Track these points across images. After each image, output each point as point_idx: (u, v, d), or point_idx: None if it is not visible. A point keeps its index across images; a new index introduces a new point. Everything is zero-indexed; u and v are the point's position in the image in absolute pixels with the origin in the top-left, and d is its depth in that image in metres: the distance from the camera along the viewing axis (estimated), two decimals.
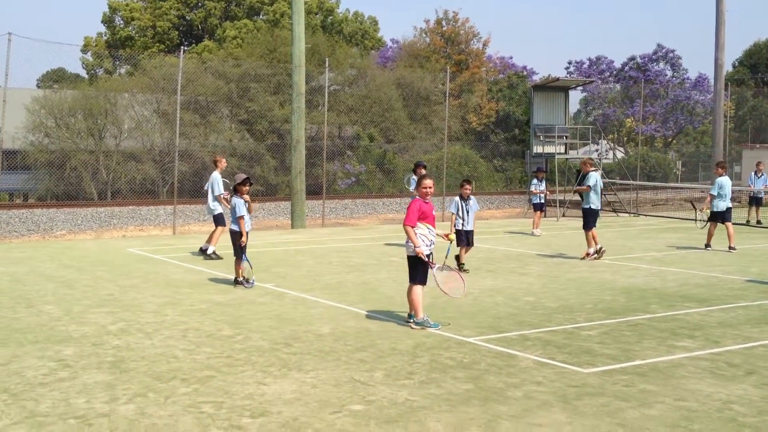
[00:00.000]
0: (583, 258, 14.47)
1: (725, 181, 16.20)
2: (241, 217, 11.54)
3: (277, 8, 42.01)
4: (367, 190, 31.92)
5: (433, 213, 8.88)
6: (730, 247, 15.80)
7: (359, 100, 34.66)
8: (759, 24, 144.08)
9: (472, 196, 13.21)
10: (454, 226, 12.93)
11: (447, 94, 27.58)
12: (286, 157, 28.59)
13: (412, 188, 19.64)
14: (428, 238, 8.72)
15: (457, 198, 13.14)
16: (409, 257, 8.84)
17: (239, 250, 11.50)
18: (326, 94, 24.83)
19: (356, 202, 28.47)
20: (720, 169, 16.54)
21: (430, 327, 8.70)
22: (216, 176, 15.04)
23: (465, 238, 13.09)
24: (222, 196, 14.86)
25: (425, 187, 8.80)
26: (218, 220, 14.94)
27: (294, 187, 21.52)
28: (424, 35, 45.18)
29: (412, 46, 44.55)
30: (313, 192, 26.46)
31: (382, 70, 40.29)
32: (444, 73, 28.11)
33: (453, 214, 13.03)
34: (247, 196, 11.69)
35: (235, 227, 11.66)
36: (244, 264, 11.46)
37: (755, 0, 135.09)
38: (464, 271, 12.54)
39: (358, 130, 34.35)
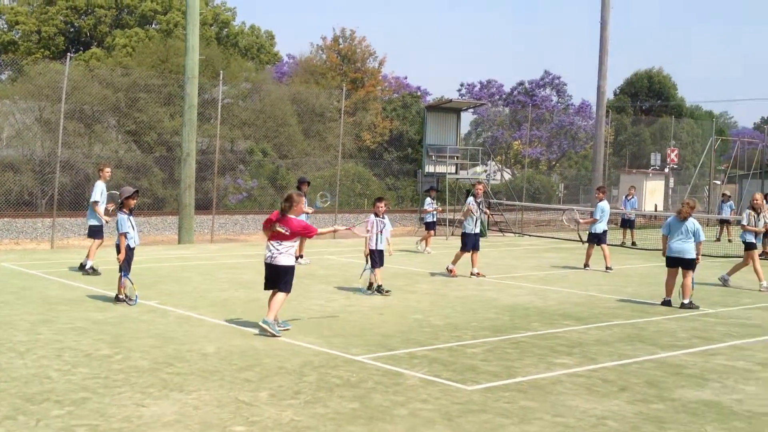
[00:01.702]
0: (452, 273, 14.78)
1: (605, 205, 16.92)
2: (123, 234, 11.14)
3: (170, 18, 41.13)
4: (259, 206, 31.55)
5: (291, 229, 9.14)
6: (606, 268, 16.48)
7: (253, 114, 34.33)
8: (639, 54, 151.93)
9: (385, 215, 12.87)
10: (368, 246, 12.52)
11: (342, 112, 27.69)
12: (175, 170, 27.93)
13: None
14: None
15: (372, 216, 12.69)
16: (286, 267, 9.14)
17: (125, 266, 11.11)
18: (219, 107, 24.46)
19: (247, 217, 28.10)
20: (600, 194, 17.29)
21: (276, 332, 9.06)
22: (99, 185, 14.43)
23: (378, 259, 12.56)
24: (106, 207, 14.30)
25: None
26: (95, 233, 14.30)
27: (182, 201, 21.04)
28: (321, 52, 45.32)
29: (309, 62, 44.58)
30: (203, 207, 25.94)
31: (278, 85, 40.10)
32: (339, 91, 28.23)
33: (369, 231, 12.26)
34: None
35: (127, 243, 11.20)
36: (125, 280, 11.09)
37: (637, 31, 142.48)
38: (386, 293, 12.34)
39: (251, 145, 33.98)
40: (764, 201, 15.22)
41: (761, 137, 48.05)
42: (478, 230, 15.03)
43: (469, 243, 14.89)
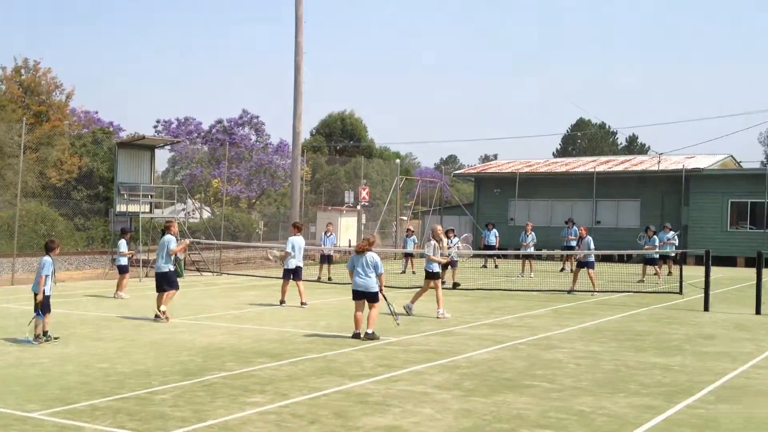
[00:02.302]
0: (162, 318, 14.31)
1: (297, 240, 17.43)
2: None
3: None
4: None
5: None
6: (301, 303, 16.94)
7: None
8: (333, 96, 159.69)
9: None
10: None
11: (23, 147, 25.55)
12: None
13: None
14: None
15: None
16: None
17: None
18: None
19: None
20: (294, 229, 17.81)
21: None
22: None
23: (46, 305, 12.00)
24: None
25: None
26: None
27: None
28: (0, 83, 41.56)
29: None
30: None
31: None
32: (20, 124, 26.04)
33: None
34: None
35: None
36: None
37: (330, 74, 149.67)
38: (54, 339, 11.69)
39: None
40: (446, 234, 16.61)
41: (440, 176, 52.73)
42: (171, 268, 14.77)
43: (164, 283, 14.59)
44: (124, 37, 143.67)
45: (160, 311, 14.34)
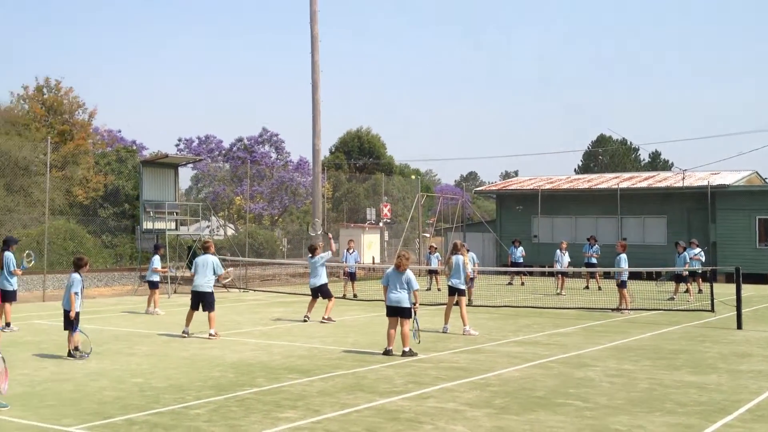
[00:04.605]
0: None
1: (321, 256, 17.46)
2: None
3: None
4: None
5: None
6: (326, 319, 16.97)
7: None
8: (351, 114, 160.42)
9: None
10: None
11: (48, 165, 25.90)
12: None
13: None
14: None
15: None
16: None
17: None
18: None
19: None
20: (310, 252, 17.82)
21: (4, 407, 8.39)
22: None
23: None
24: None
25: None
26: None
27: None
28: (23, 102, 42.21)
29: (9, 112, 41.26)
30: None
31: None
32: (45, 143, 26.41)
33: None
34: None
35: None
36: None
37: (350, 92, 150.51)
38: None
39: None
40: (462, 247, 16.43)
41: (461, 193, 52.71)
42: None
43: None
44: (144, 56, 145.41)
45: (211, 334, 14.32)
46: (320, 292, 17.33)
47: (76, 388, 9.68)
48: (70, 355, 11.89)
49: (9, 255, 15.30)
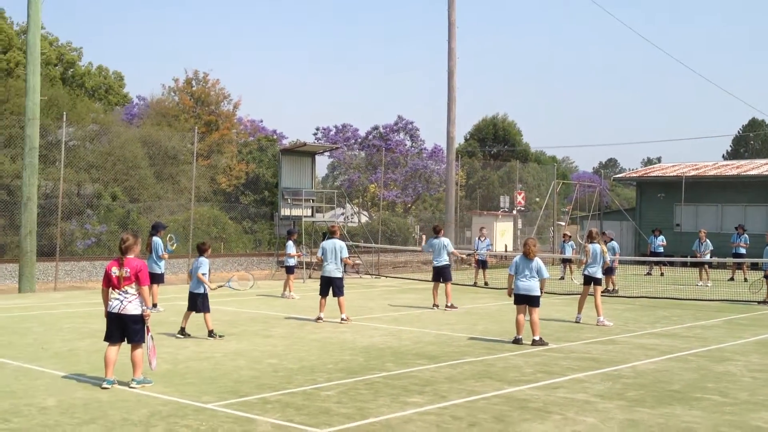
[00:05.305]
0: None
1: (435, 241, 17.37)
2: None
3: (11, 57, 39.23)
4: (108, 251, 30.31)
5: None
6: (448, 305, 16.95)
7: (101, 156, 33.11)
8: (487, 101, 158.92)
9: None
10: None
11: (195, 154, 27.23)
12: (15, 216, 26.41)
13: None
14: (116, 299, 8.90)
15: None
16: (136, 317, 8.88)
17: None
18: (63, 149, 23.42)
19: (95, 264, 26.89)
20: (435, 233, 17.70)
21: (148, 383, 8.89)
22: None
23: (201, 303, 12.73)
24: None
25: None
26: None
27: (23, 247, 19.92)
28: (173, 94, 44.50)
29: (160, 104, 43.65)
30: (48, 253, 24.63)
31: (128, 127, 38.95)
32: (192, 133, 27.75)
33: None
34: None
35: None
36: None
37: (485, 79, 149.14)
38: (219, 337, 12.42)
39: (99, 189, 32.69)
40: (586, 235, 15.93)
41: (599, 180, 51.18)
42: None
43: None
44: (286, 49, 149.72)
45: (343, 318, 14.55)
46: (441, 273, 17.25)
47: (215, 366, 10.17)
48: (210, 335, 12.46)
49: (157, 240, 16.22)
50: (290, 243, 19.76)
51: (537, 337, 12.35)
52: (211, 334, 12.45)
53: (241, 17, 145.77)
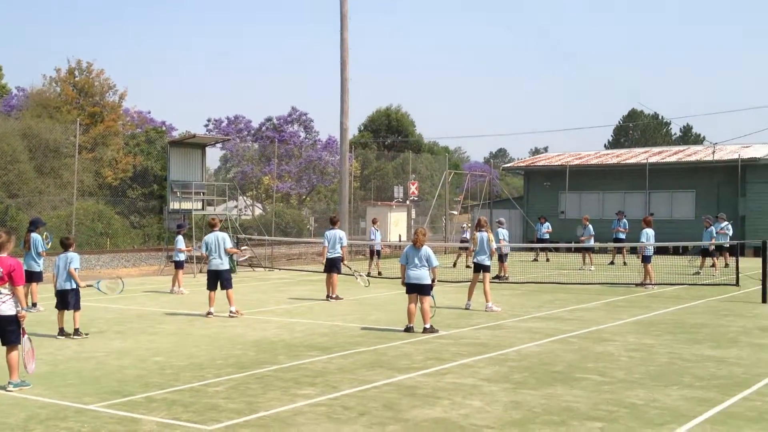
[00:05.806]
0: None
1: (330, 233, 17.41)
2: None
3: None
4: None
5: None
6: (335, 297, 17.04)
7: None
8: (379, 92, 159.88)
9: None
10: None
11: (77, 147, 26.19)
12: None
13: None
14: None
15: None
16: (10, 317, 8.48)
17: None
18: None
19: None
20: (331, 224, 17.75)
21: (26, 386, 8.56)
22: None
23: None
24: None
25: None
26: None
27: None
28: (55, 84, 42.66)
29: (41, 95, 41.77)
30: None
31: (5, 119, 37.09)
32: (75, 125, 26.69)
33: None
34: None
35: None
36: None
37: (379, 70, 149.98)
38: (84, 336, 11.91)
39: None
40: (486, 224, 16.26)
41: (489, 170, 52.41)
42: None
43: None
44: (174, 37, 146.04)
45: (232, 312, 14.38)
46: (334, 265, 17.29)
47: (98, 366, 9.84)
48: (76, 333, 11.97)
49: (36, 236, 15.54)
50: (180, 237, 19.37)
51: (428, 325, 12.54)
52: (77, 332, 11.99)
53: (128, 4, 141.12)
